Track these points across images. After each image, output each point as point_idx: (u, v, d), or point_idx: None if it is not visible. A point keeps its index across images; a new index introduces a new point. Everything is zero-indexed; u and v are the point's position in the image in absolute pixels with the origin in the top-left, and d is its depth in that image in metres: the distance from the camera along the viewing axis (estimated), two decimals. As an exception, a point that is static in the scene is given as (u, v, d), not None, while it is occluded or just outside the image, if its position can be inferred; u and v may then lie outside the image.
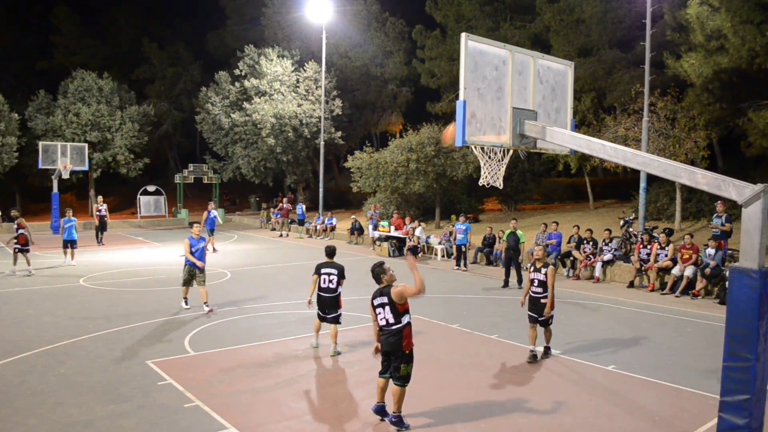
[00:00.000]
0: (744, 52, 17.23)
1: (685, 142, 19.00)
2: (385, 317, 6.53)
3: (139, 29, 49.63)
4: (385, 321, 6.53)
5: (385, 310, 6.52)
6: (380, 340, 6.64)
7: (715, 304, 13.23)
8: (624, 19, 24.26)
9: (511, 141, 7.21)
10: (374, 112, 39.51)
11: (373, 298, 6.67)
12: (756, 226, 5.30)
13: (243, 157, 34.45)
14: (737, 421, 5.39)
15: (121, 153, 35.41)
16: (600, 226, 19.81)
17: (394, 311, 6.46)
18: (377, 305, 6.59)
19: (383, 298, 6.55)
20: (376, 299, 6.61)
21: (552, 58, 7.96)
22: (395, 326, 6.45)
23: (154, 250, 22.69)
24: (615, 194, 28.03)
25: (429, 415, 6.87)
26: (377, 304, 6.59)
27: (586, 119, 23.34)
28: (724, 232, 15.07)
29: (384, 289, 6.57)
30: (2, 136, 31.52)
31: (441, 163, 24.10)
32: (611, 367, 8.64)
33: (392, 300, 6.44)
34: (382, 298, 6.57)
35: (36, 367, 8.44)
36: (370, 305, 6.71)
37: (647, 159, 6.28)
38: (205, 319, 11.38)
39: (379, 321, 6.58)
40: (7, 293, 13.74)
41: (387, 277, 6.63)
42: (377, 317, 6.60)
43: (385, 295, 6.52)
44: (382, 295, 6.58)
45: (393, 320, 6.47)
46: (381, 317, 6.56)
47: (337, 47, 35.86)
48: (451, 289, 14.79)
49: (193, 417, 6.74)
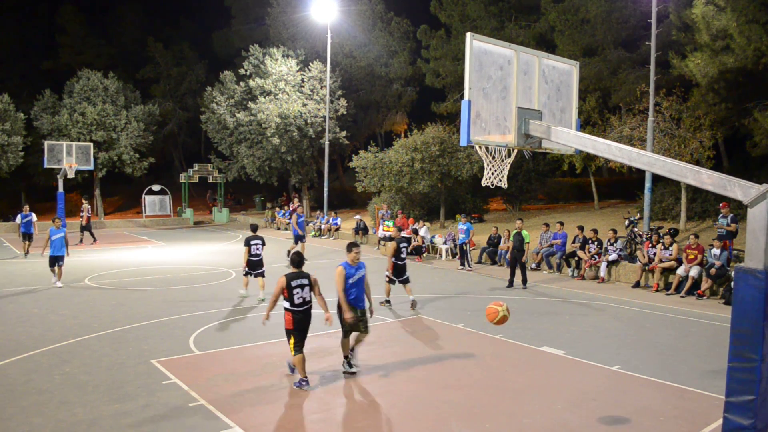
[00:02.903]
0: (750, 51, 17.17)
1: (691, 142, 18.94)
2: (302, 296, 7.67)
3: (144, 29, 49.79)
4: (302, 299, 7.67)
5: (304, 290, 7.70)
6: (297, 316, 7.63)
7: (721, 305, 13.19)
8: (629, 18, 24.20)
9: (516, 141, 7.19)
10: (379, 112, 39.52)
11: (290, 279, 7.62)
12: (762, 227, 5.27)
13: (248, 156, 34.51)
14: (742, 421, 5.36)
15: (127, 152, 35.52)
16: (605, 226, 19.77)
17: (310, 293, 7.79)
18: (296, 285, 7.63)
19: (304, 280, 7.72)
20: (295, 281, 7.65)
21: (557, 57, 7.94)
22: (310, 304, 7.79)
23: (159, 250, 22.75)
24: (620, 194, 27.98)
25: (432, 414, 6.87)
26: (296, 284, 7.63)
27: (591, 119, 23.29)
28: (729, 233, 15.02)
29: (303, 273, 7.78)
30: (8, 135, 31.67)
31: (445, 162, 24.08)
32: (616, 368, 8.62)
33: (312, 283, 7.79)
34: (302, 280, 7.71)
35: (41, 366, 8.47)
36: (285, 284, 7.58)
37: (652, 159, 6.25)
38: (209, 318, 11.40)
39: (296, 299, 7.62)
40: (12, 292, 13.80)
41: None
42: (294, 295, 7.59)
43: (306, 278, 7.74)
44: (302, 277, 7.72)
45: (309, 299, 7.76)
46: (299, 296, 7.64)
47: (341, 47, 35.88)
48: (456, 289, 14.77)
49: (198, 416, 6.76)
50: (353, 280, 8.18)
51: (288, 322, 7.68)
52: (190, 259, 19.49)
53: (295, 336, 7.64)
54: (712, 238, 15.40)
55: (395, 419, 6.79)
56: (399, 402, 7.28)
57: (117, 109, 36.10)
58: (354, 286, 8.18)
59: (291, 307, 7.65)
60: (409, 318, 11.80)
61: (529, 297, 14.09)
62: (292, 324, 7.65)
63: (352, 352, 8.40)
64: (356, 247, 8.31)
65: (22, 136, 32.73)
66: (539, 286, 15.53)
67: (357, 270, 8.23)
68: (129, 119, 36.05)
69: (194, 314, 11.66)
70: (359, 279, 8.26)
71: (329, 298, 8.19)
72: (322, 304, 7.82)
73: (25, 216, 20.15)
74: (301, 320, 7.69)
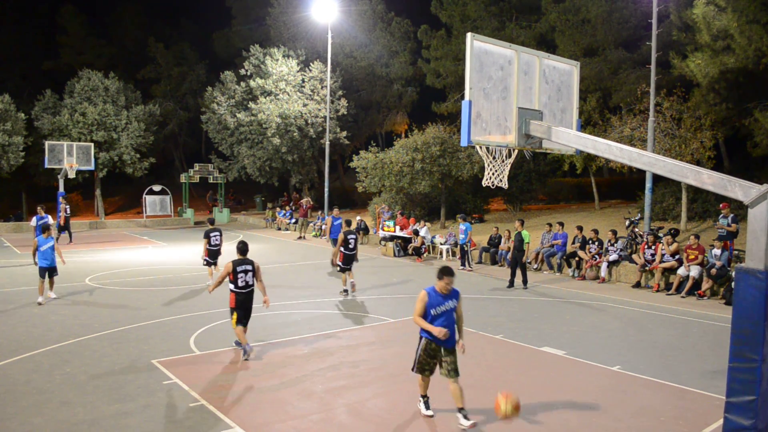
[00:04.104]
0: (750, 52, 17.17)
1: (691, 143, 18.93)
2: (246, 280, 8.92)
3: (145, 29, 49.82)
4: (245, 283, 8.93)
5: (248, 275, 8.95)
6: (239, 297, 8.90)
7: (721, 305, 13.18)
8: (630, 19, 24.20)
9: (517, 141, 7.20)
10: (379, 112, 39.52)
11: (236, 265, 8.88)
12: (762, 227, 5.28)
13: (248, 156, 34.52)
14: (743, 422, 5.37)
15: (127, 152, 35.52)
16: (605, 226, 19.76)
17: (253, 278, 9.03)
18: (240, 270, 8.89)
19: (248, 267, 8.97)
20: (240, 266, 8.91)
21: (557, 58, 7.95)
22: (252, 287, 9.03)
23: (160, 250, 22.76)
24: (621, 194, 27.96)
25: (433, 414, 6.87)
26: (241, 270, 8.90)
27: (592, 119, 23.29)
28: (730, 233, 15.01)
29: (248, 260, 9.00)
30: (9, 135, 31.67)
31: (446, 163, 24.08)
32: (617, 368, 8.61)
33: (255, 269, 9.01)
34: (247, 266, 8.97)
35: (42, 366, 8.47)
36: (231, 269, 8.84)
37: (653, 159, 6.26)
38: (210, 318, 11.40)
39: (240, 282, 8.87)
40: (13, 292, 13.80)
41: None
42: (236, 278, 8.84)
43: (250, 264, 8.99)
44: (246, 264, 8.97)
45: (251, 283, 9.00)
46: (242, 280, 8.89)
47: (342, 47, 35.88)
48: (456, 289, 14.71)
49: (198, 416, 6.76)
50: (438, 311, 6.51)
51: (232, 301, 9.00)
52: (191, 260, 19.48)
53: (238, 313, 9.00)
54: (713, 238, 15.40)
55: (395, 419, 6.78)
56: (399, 402, 7.28)
57: (118, 109, 36.11)
58: (439, 318, 6.51)
59: (235, 289, 8.97)
60: (409, 318, 11.77)
61: (530, 297, 14.09)
62: (235, 303, 8.99)
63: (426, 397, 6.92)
64: (448, 276, 6.49)
65: (22, 137, 32.74)
66: (540, 286, 15.53)
67: (446, 300, 6.55)
68: (130, 119, 36.06)
69: (194, 314, 11.66)
70: (447, 311, 6.55)
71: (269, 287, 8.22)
72: (262, 289, 9.11)
73: (41, 218, 19.56)
74: (243, 300, 9.01)
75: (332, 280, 15.93)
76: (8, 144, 31.59)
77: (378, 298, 13.54)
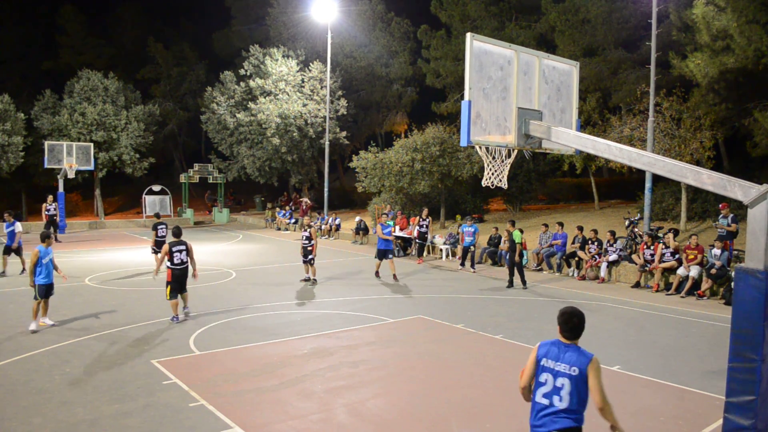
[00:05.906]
0: (750, 52, 17.18)
1: (691, 143, 18.94)
2: (181, 258, 11.00)
3: (144, 29, 49.75)
4: (180, 260, 10.99)
5: (182, 253, 11.02)
6: (176, 272, 10.92)
7: (721, 305, 13.19)
8: (629, 19, 24.21)
9: (516, 141, 7.20)
10: (379, 112, 39.51)
11: (172, 246, 10.89)
12: (762, 227, 5.28)
13: (248, 156, 34.52)
14: (743, 422, 5.37)
15: (127, 152, 35.49)
16: (605, 226, 19.76)
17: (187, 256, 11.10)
18: (176, 250, 10.92)
19: (182, 246, 11.02)
20: (175, 247, 10.92)
21: (557, 58, 7.95)
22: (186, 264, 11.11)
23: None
24: (620, 194, 27.96)
25: (433, 414, 6.88)
26: (176, 249, 10.93)
27: (592, 119, 23.29)
28: (729, 233, 15.02)
29: (182, 242, 11.04)
30: (8, 135, 31.65)
31: (446, 163, 24.08)
32: (616, 368, 8.62)
33: (188, 248, 11.09)
34: (181, 246, 11.01)
35: (41, 366, 8.47)
36: (168, 249, 10.88)
37: (653, 159, 6.26)
38: (210, 318, 11.40)
39: (176, 260, 10.93)
40: (12, 292, 13.80)
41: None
42: (173, 257, 10.91)
43: (183, 245, 11.03)
44: (180, 245, 11.00)
45: (186, 261, 11.07)
46: (178, 258, 10.95)
47: (342, 47, 35.88)
48: (456, 289, 14.76)
49: (198, 416, 6.76)
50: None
51: (169, 275, 10.95)
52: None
53: (173, 286, 10.91)
54: (713, 238, 15.41)
55: (395, 419, 6.79)
56: (399, 402, 7.28)
57: (117, 109, 36.08)
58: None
59: (172, 266, 10.96)
60: (409, 318, 11.80)
61: (530, 297, 14.10)
62: (172, 277, 10.92)
63: None
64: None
65: (22, 136, 32.71)
66: (539, 286, 15.53)
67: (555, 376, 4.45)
68: (129, 119, 36.03)
69: (194, 314, 11.66)
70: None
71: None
72: (193, 264, 11.29)
73: (9, 225, 19.03)
74: (179, 275, 11.00)
75: (332, 279, 15.92)
76: (8, 144, 31.57)
77: (378, 298, 13.53)
